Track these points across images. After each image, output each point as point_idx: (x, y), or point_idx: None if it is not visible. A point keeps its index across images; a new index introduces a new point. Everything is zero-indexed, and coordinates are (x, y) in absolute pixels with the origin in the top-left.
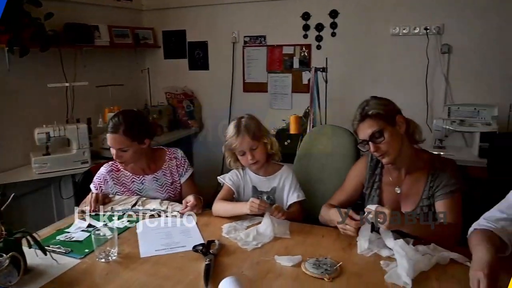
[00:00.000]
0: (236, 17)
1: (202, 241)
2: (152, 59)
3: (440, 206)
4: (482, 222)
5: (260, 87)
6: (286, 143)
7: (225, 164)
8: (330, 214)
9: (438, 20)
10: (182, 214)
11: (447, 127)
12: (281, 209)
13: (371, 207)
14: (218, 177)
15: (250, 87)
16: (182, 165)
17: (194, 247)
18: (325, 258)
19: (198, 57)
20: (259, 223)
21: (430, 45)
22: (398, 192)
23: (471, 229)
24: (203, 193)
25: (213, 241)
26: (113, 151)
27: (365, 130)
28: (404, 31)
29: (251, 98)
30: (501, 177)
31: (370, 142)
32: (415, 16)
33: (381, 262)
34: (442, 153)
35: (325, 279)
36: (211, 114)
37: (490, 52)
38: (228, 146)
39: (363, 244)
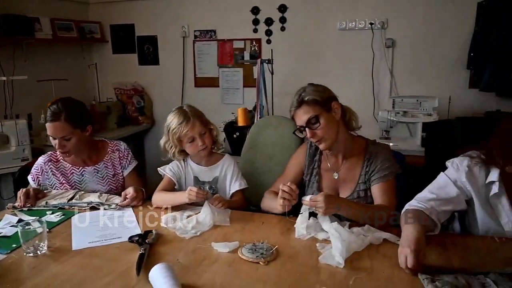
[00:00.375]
0: (186, 11)
1: (139, 232)
2: (100, 54)
3: (375, 189)
4: (413, 203)
5: (212, 82)
6: (235, 135)
7: None
8: (271, 201)
9: (382, 15)
10: (121, 207)
11: (392, 118)
12: (221, 199)
13: (306, 198)
14: (158, 169)
15: (202, 82)
16: (125, 158)
17: (130, 237)
18: (262, 243)
19: (148, 52)
20: (200, 212)
21: (375, 39)
22: (336, 177)
23: (403, 210)
24: (152, 187)
25: (150, 231)
26: (54, 142)
27: (302, 116)
28: (350, 25)
29: (203, 93)
30: (437, 163)
31: (306, 128)
32: (361, 11)
33: (317, 244)
34: (391, 144)
35: (260, 262)
36: (163, 110)
37: (430, 46)
38: (175, 135)
39: (300, 229)
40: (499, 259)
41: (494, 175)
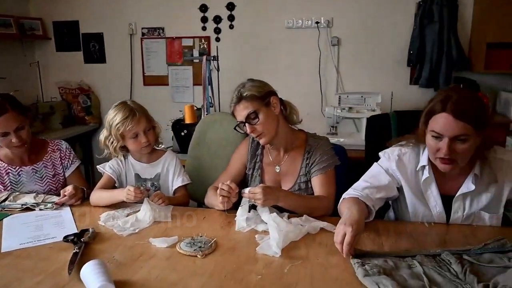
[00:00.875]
0: (133, 8)
1: (75, 231)
2: (43, 52)
3: (315, 181)
4: (350, 192)
5: (161, 80)
6: (182, 133)
7: None
8: (213, 198)
9: (327, 13)
10: (58, 205)
11: (338, 114)
12: (162, 195)
13: (245, 190)
14: (98, 166)
15: (151, 81)
16: (67, 157)
17: (65, 237)
18: (200, 236)
19: (94, 49)
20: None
21: (321, 38)
22: (278, 171)
23: (341, 199)
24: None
25: (87, 230)
26: (3, 140)
27: (241, 112)
28: (297, 24)
29: (152, 92)
30: (376, 156)
31: (246, 124)
32: (307, 10)
33: (256, 236)
34: (336, 140)
35: (198, 255)
36: None
37: (373, 44)
38: (118, 130)
39: (241, 222)
40: (426, 242)
41: (423, 160)
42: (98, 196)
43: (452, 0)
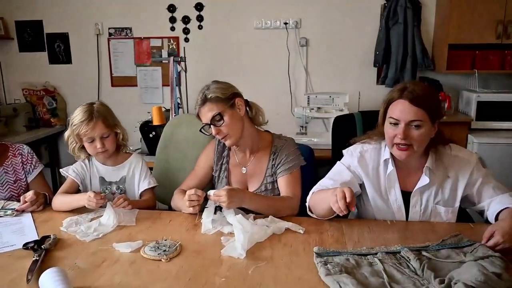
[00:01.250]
0: (99, 7)
1: (36, 238)
2: (5, 52)
3: (281, 181)
4: (317, 187)
5: (129, 81)
6: (151, 135)
7: None
8: (180, 201)
9: (296, 15)
10: (18, 212)
11: (307, 114)
12: (125, 199)
13: (210, 192)
14: (61, 170)
15: (119, 82)
16: (29, 162)
17: (25, 244)
18: (165, 240)
19: (59, 50)
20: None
21: (290, 39)
22: (244, 172)
23: (308, 196)
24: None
25: (48, 236)
26: None
27: (206, 114)
28: (266, 24)
29: (120, 93)
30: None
31: (211, 125)
32: (276, 10)
33: (222, 238)
34: (306, 139)
35: (162, 259)
36: None
37: (341, 45)
38: (76, 132)
39: (207, 224)
40: (388, 239)
41: (386, 154)
42: (60, 201)
43: (416, 2)
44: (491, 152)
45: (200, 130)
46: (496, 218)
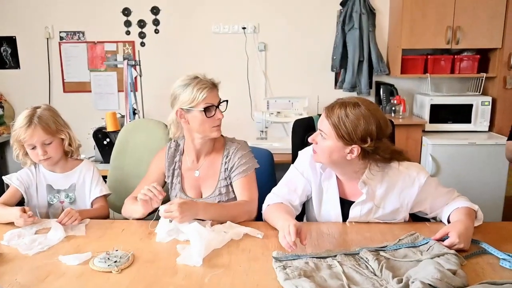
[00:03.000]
0: (49, 10)
1: None
2: None
3: (236, 185)
4: (272, 197)
5: (83, 87)
6: (105, 142)
7: None
8: (131, 206)
9: (254, 19)
10: None
11: (266, 119)
12: (73, 213)
13: (161, 209)
14: (3, 177)
15: (71, 87)
16: None
17: None
18: (116, 251)
19: (6, 54)
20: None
21: (248, 43)
22: (197, 175)
23: (264, 205)
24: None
25: None
26: None
27: (216, 97)
28: (224, 29)
29: (73, 99)
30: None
31: (217, 108)
32: (234, 15)
33: (177, 246)
34: (267, 144)
35: (112, 271)
36: None
37: (299, 50)
38: (15, 137)
39: (161, 233)
40: (347, 241)
41: None
42: None
43: (370, 8)
44: (445, 153)
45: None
46: (448, 219)
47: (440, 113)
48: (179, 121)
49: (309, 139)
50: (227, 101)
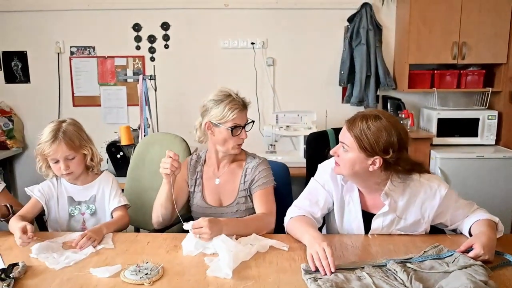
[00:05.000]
0: (60, 25)
1: (2, 266)
2: None
3: (255, 197)
4: (295, 210)
5: (92, 101)
6: (118, 155)
7: None
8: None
9: (262, 35)
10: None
11: (275, 132)
12: (90, 236)
13: (188, 226)
14: (26, 189)
15: (81, 101)
16: None
17: None
18: (146, 263)
19: (16, 68)
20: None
21: (257, 58)
22: (218, 183)
23: (286, 217)
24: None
25: (16, 264)
26: None
27: (245, 118)
28: (233, 44)
29: (83, 113)
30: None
31: (243, 128)
32: (243, 30)
33: (205, 258)
34: (275, 157)
35: (144, 283)
36: (36, 133)
37: (306, 65)
38: (40, 151)
39: (188, 246)
40: (371, 253)
41: None
42: (10, 224)
43: (377, 24)
44: (453, 166)
45: (243, 126)
46: (469, 232)
47: (447, 127)
48: (206, 131)
49: (331, 152)
50: (253, 122)
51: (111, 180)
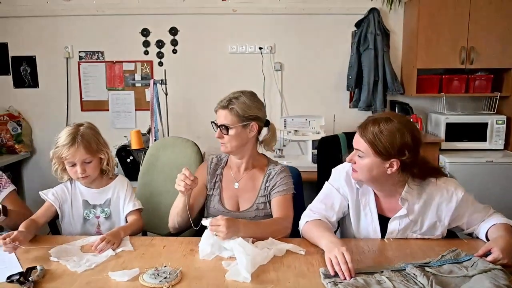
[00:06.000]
0: (69, 30)
1: (20, 270)
2: None
3: (274, 202)
4: (310, 214)
5: (100, 106)
6: (128, 160)
7: None
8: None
9: (270, 40)
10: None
11: (284, 137)
12: (109, 239)
13: (206, 222)
14: (40, 192)
15: (89, 106)
16: None
17: (9, 277)
18: (164, 267)
19: (25, 73)
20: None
21: (265, 63)
22: (237, 187)
23: (302, 221)
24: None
25: (34, 267)
26: None
27: (219, 118)
28: (240, 49)
29: (91, 118)
30: (328, 176)
31: (218, 128)
32: (251, 35)
33: (223, 262)
34: (285, 162)
35: (164, 287)
36: (45, 137)
37: (313, 69)
38: (57, 154)
39: (205, 248)
40: (388, 257)
41: None
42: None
43: (384, 29)
44: (462, 171)
45: (212, 122)
46: (486, 236)
47: (455, 132)
48: (246, 133)
49: (347, 159)
50: (215, 124)
51: (126, 184)
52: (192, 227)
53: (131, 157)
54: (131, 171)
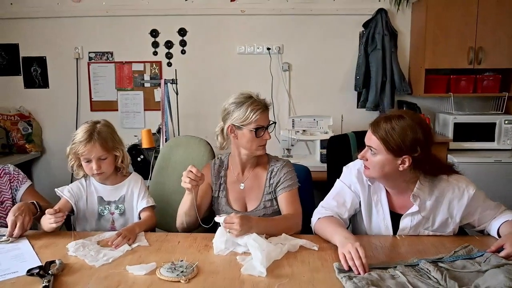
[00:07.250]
0: (79, 31)
1: (39, 264)
2: None
3: (281, 199)
4: (322, 211)
5: (110, 106)
6: (139, 159)
7: None
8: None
9: (278, 40)
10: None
11: (292, 137)
12: (125, 235)
13: (219, 219)
14: (56, 189)
15: (99, 106)
16: (16, 179)
17: (29, 270)
18: (181, 261)
19: (36, 74)
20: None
21: (273, 64)
22: (242, 188)
23: (314, 218)
24: None
25: (53, 261)
26: None
27: (267, 119)
28: (249, 50)
29: (100, 118)
30: (338, 174)
31: (267, 129)
32: (259, 36)
33: (237, 257)
34: (292, 162)
35: (181, 281)
36: (54, 137)
37: (321, 70)
38: (74, 150)
39: (219, 245)
40: (400, 253)
41: None
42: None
43: (392, 30)
44: (471, 170)
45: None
46: (497, 232)
47: (463, 132)
48: (228, 134)
49: (359, 156)
50: (275, 123)
51: (140, 181)
52: (200, 227)
53: (142, 156)
54: (142, 170)
